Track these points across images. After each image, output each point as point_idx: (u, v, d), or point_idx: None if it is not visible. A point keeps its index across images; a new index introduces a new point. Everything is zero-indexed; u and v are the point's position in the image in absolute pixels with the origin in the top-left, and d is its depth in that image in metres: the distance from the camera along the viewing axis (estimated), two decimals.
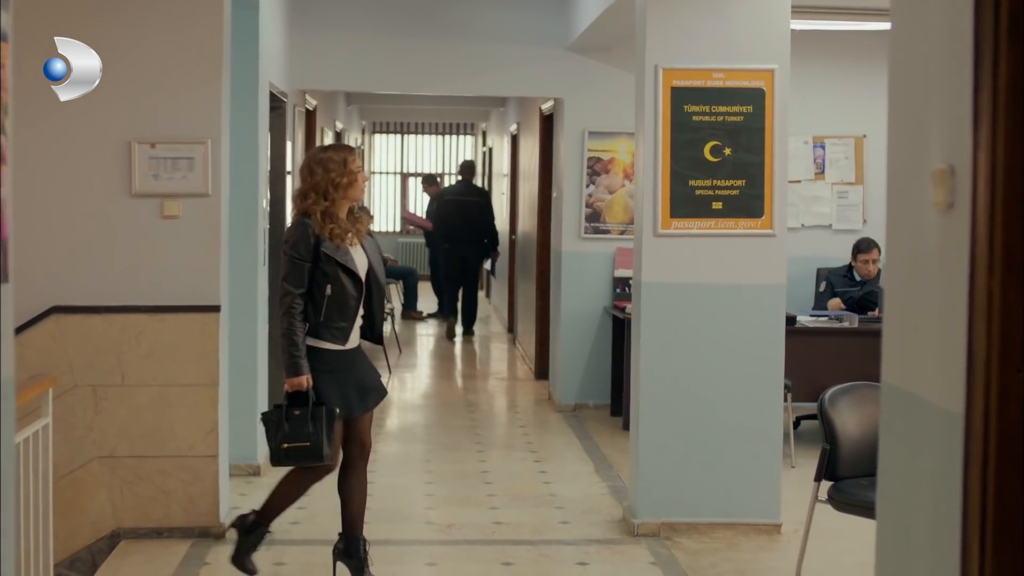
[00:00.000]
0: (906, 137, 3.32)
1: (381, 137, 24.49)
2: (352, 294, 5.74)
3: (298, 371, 5.67)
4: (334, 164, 5.76)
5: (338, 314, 5.73)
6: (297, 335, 5.66)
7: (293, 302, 5.67)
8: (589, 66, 10.65)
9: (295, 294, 5.67)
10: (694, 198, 6.92)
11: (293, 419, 5.72)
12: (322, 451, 5.74)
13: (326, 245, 5.69)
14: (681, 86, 6.90)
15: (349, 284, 5.73)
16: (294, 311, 5.66)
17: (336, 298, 5.70)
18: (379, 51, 10.61)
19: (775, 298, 7.00)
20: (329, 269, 5.68)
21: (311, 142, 11.89)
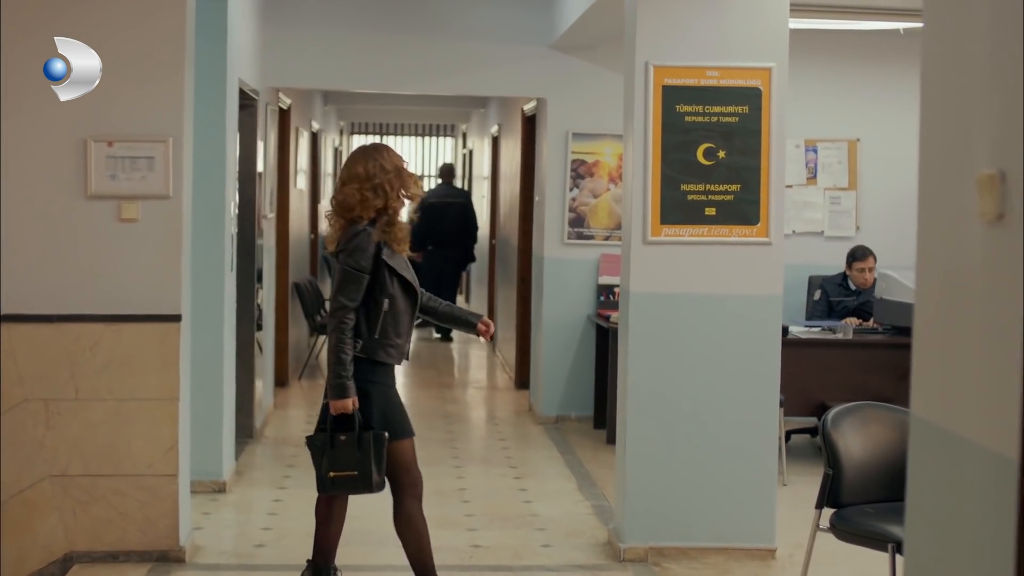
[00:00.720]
0: (943, 140, 2.92)
1: (360, 138, 24.04)
2: (406, 308, 5.40)
3: (344, 393, 5.25)
4: (392, 164, 5.43)
5: (394, 331, 5.36)
6: (346, 353, 5.25)
7: (346, 317, 5.26)
8: (574, 65, 10.29)
9: (350, 308, 5.26)
10: (686, 204, 6.53)
11: (339, 445, 5.31)
12: (371, 480, 5.34)
13: (386, 254, 5.32)
14: (673, 84, 6.52)
15: (405, 298, 5.39)
16: (345, 327, 5.26)
17: (393, 313, 5.33)
18: (356, 48, 10.24)
19: (771, 310, 6.62)
20: (388, 281, 5.32)
21: (285, 142, 11.51)
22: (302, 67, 10.25)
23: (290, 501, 7.72)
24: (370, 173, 5.36)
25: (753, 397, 6.62)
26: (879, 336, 9.22)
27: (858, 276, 9.79)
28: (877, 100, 10.55)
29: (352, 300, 5.25)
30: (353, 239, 5.30)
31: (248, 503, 7.74)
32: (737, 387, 6.60)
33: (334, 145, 20.11)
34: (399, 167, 5.45)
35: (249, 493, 7.92)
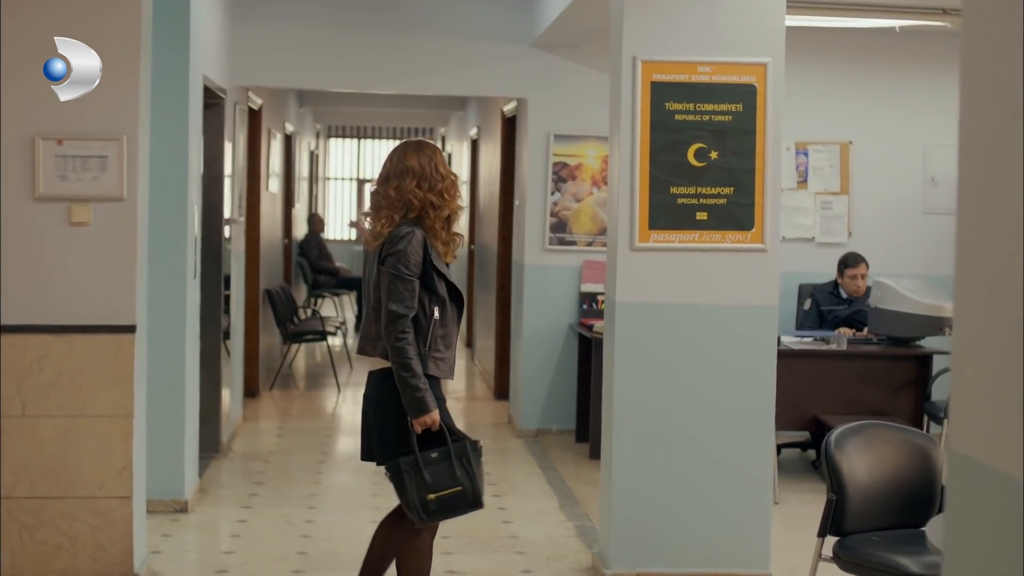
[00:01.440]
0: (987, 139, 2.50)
1: (337, 141, 23.65)
2: (455, 318, 5.00)
3: (424, 407, 4.79)
4: (447, 170, 5.05)
5: (443, 341, 4.93)
6: (416, 365, 4.78)
7: (405, 327, 4.80)
8: (555, 64, 9.90)
9: (407, 316, 4.81)
10: (676, 208, 6.13)
11: (432, 464, 4.84)
12: (479, 494, 4.90)
13: (435, 258, 4.91)
14: (662, 81, 6.12)
15: (453, 307, 4.98)
16: (407, 338, 4.79)
17: (443, 322, 4.92)
18: (329, 46, 9.85)
19: (766, 322, 6.22)
20: (439, 288, 4.91)
21: (255, 144, 11.10)
22: (273, 65, 9.84)
23: (256, 522, 7.30)
24: (426, 172, 4.96)
25: (747, 414, 6.23)
26: (874, 347, 8.85)
27: (850, 284, 9.42)
28: (870, 101, 10.18)
29: (408, 308, 4.80)
30: (401, 240, 4.85)
31: (211, 524, 7.31)
32: (730, 403, 6.21)
33: (310, 148, 19.68)
34: (451, 173, 5.08)
35: (213, 512, 7.49)
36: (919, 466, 5.12)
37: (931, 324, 8.64)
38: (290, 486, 8.16)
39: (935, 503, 5.09)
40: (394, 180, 4.97)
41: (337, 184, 23.69)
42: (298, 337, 12.47)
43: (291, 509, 7.55)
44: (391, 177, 4.98)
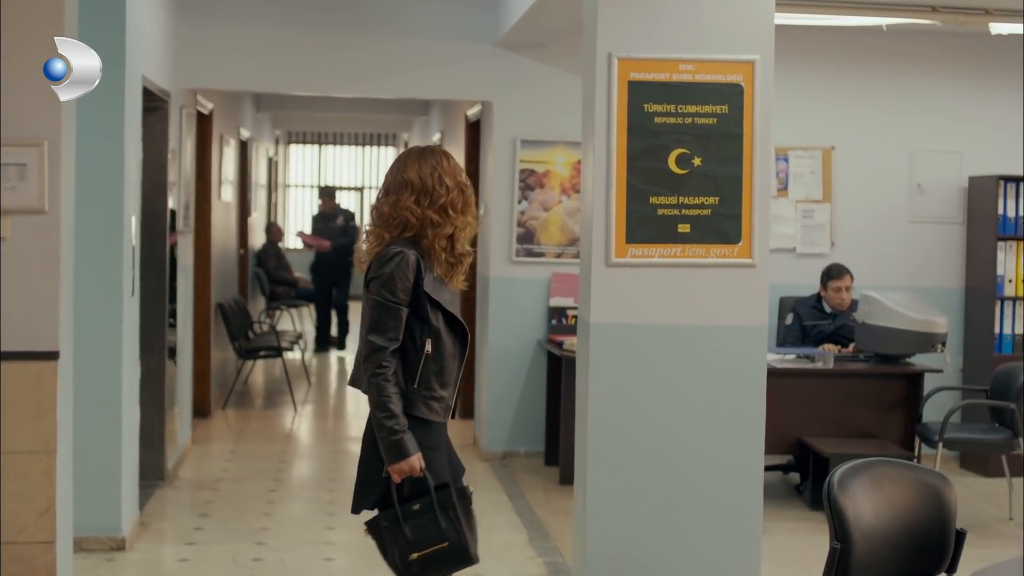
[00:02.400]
0: None
1: (297, 148, 23.04)
2: (454, 352, 4.37)
3: (403, 451, 4.19)
4: (455, 179, 4.44)
5: (438, 379, 4.32)
6: (394, 404, 4.21)
7: (383, 361, 4.22)
8: (521, 65, 9.38)
9: (387, 350, 4.22)
10: (655, 219, 5.59)
11: (414, 517, 4.24)
12: (469, 549, 4.31)
13: (429, 282, 4.30)
14: (640, 80, 5.58)
15: (452, 339, 4.36)
16: (384, 373, 4.22)
17: (437, 357, 4.31)
18: (283, 47, 9.30)
19: (755, 344, 5.68)
20: (431, 317, 4.29)
21: (206, 150, 10.53)
22: (223, 67, 9.26)
23: (199, 560, 6.72)
24: (428, 186, 4.36)
25: (735, 442, 5.69)
26: (861, 365, 8.35)
27: (834, 297, 8.91)
28: (854, 104, 9.68)
29: (390, 340, 4.22)
30: (388, 262, 4.25)
31: (151, 563, 6.71)
32: (716, 430, 5.67)
33: (268, 155, 19.10)
34: (461, 183, 4.46)
35: (152, 550, 6.90)
36: (931, 508, 4.58)
37: (922, 340, 8.16)
38: (239, 518, 7.58)
39: (948, 550, 4.55)
40: (392, 195, 4.41)
41: (298, 192, 23.07)
42: (252, 353, 11.88)
43: (238, 545, 6.97)
44: (390, 191, 4.43)
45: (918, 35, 9.55)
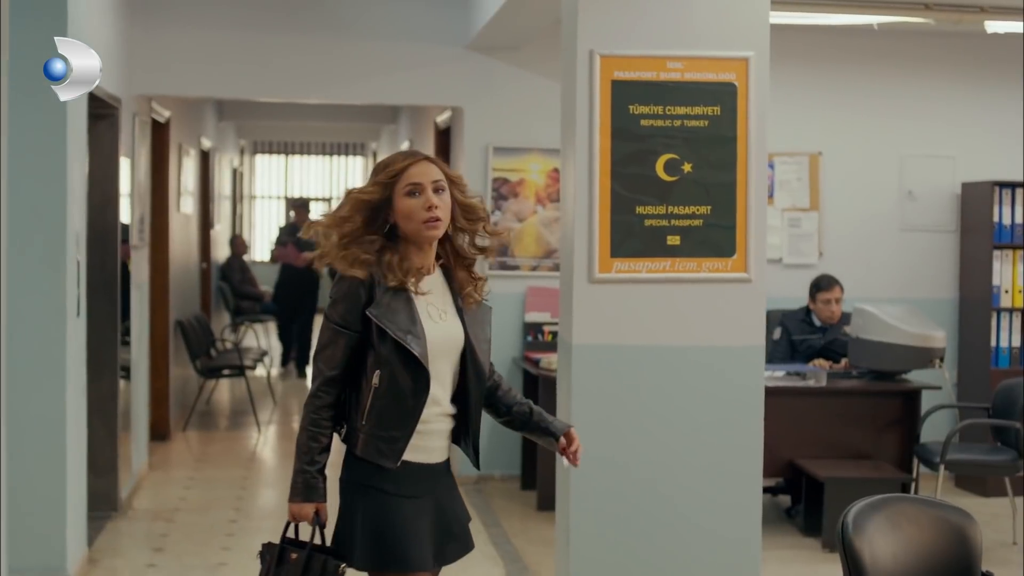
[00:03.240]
0: None
1: (264, 158, 22.53)
2: (411, 389, 3.65)
3: (304, 494, 3.67)
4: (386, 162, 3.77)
5: (391, 419, 3.65)
6: (316, 440, 3.68)
7: (319, 389, 3.69)
8: (494, 68, 8.93)
9: (327, 378, 3.69)
10: (642, 231, 5.15)
11: (286, 566, 3.70)
12: None
13: (378, 306, 3.63)
14: (625, 79, 5.14)
15: (407, 373, 3.63)
16: (314, 403, 3.69)
17: (390, 394, 3.66)
18: (243, 51, 8.83)
19: (751, 365, 5.25)
20: (379, 344, 3.64)
21: (163, 161, 10.05)
22: (179, 72, 8.78)
23: None
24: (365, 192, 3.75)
25: (731, 471, 5.26)
26: (854, 382, 7.91)
27: (823, 309, 8.47)
28: (842, 107, 9.26)
29: (330, 367, 3.68)
30: (340, 280, 3.74)
31: None
32: (712, 459, 5.24)
33: (233, 166, 18.60)
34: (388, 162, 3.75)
35: None
36: (955, 549, 4.14)
37: (919, 356, 7.73)
38: (195, 552, 7.08)
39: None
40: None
41: (265, 203, 22.56)
42: (214, 372, 11.37)
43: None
44: None
45: (909, 35, 9.16)
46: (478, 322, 3.79)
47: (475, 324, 3.77)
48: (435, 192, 3.66)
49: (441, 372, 3.70)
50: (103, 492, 7.74)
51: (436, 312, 3.71)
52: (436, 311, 3.71)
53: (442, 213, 3.66)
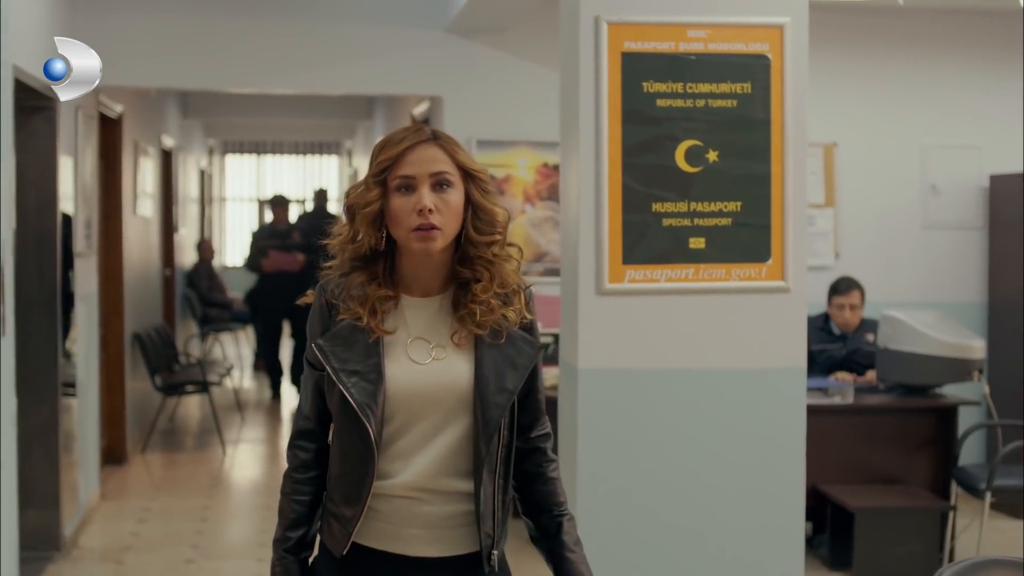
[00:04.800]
0: None
1: (234, 158, 21.64)
2: (354, 449, 2.70)
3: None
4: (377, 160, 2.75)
5: (339, 487, 2.75)
6: (285, 509, 2.83)
7: (293, 442, 2.84)
8: (476, 54, 8.16)
9: (296, 427, 2.84)
10: (660, 232, 4.33)
11: None
12: None
13: (334, 336, 2.72)
14: (637, 51, 4.32)
15: (349, 427, 2.69)
16: (291, 460, 2.84)
17: (338, 453, 2.77)
18: (202, 37, 8.06)
19: (791, 390, 4.43)
20: (328, 388, 2.75)
21: (114, 160, 9.20)
22: (129, 60, 7.94)
23: None
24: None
25: (770, 518, 4.44)
26: (884, 397, 7.11)
27: (838, 315, 7.69)
28: (860, 95, 8.50)
29: (302, 415, 2.84)
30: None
31: None
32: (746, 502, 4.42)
33: (200, 166, 17.72)
34: (384, 143, 2.76)
35: None
36: None
37: (955, 368, 6.93)
38: None
39: None
40: None
41: (237, 206, 21.66)
42: (175, 388, 10.50)
43: None
44: None
45: (932, 14, 8.41)
46: (501, 362, 2.72)
47: (493, 365, 2.71)
48: (435, 188, 2.68)
49: (419, 430, 2.71)
50: (42, 529, 6.92)
51: (425, 347, 2.73)
52: (426, 346, 2.73)
53: (441, 219, 2.67)
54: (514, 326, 2.75)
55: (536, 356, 2.78)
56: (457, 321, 2.72)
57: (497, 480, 2.72)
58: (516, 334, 2.75)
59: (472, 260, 2.73)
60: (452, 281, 2.76)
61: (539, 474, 2.83)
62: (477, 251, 2.72)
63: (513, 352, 2.73)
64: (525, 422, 2.81)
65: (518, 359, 2.73)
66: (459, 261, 2.74)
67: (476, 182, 2.74)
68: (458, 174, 2.71)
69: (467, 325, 2.71)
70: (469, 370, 2.69)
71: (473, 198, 2.72)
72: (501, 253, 2.75)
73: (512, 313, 2.74)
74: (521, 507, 2.87)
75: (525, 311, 2.78)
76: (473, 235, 2.72)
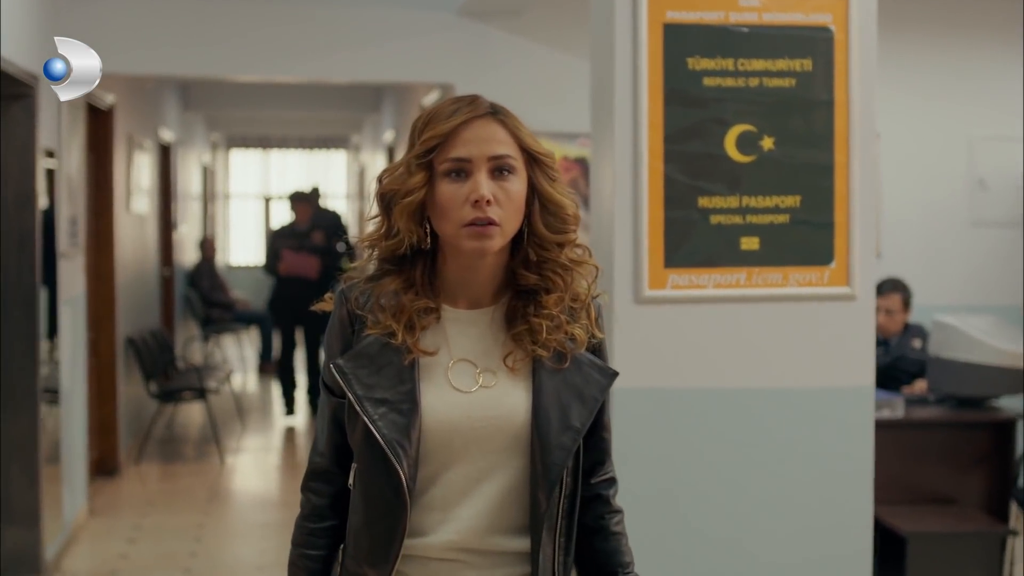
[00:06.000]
0: None
1: (239, 154, 21.11)
2: (380, 494, 2.18)
3: None
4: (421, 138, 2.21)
5: (358, 543, 2.23)
6: (298, 564, 2.31)
7: (305, 485, 2.33)
8: (489, 38, 7.67)
9: (309, 467, 2.33)
10: (708, 231, 3.80)
11: None
12: None
13: (358, 355, 2.20)
14: (681, 23, 3.78)
15: (375, 466, 2.17)
16: (303, 507, 2.33)
17: (361, 500, 2.24)
18: (197, 21, 7.58)
19: (858, 411, 3.88)
20: (356, 426, 2.21)
21: (105, 153, 8.68)
22: (120, 45, 7.47)
23: None
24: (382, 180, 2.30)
25: (833, 554, 3.89)
26: (935, 410, 6.55)
27: (878, 319, 7.11)
28: (903, 83, 7.99)
29: (316, 452, 2.32)
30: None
31: None
32: (807, 540, 3.85)
33: (202, 162, 17.20)
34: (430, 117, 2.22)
35: None
36: None
37: (1014, 378, 6.38)
38: None
39: None
40: None
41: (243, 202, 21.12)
42: (171, 395, 9.96)
43: None
44: None
45: None
46: (566, 393, 2.20)
47: (556, 396, 2.19)
48: (494, 174, 2.16)
49: (462, 475, 2.18)
50: (21, 551, 6.42)
51: (471, 372, 2.20)
52: (472, 370, 2.20)
53: (501, 212, 2.15)
54: (581, 347, 2.23)
55: (609, 386, 2.27)
56: (512, 340, 2.20)
57: (558, 539, 2.21)
58: (584, 358, 2.23)
59: (539, 264, 2.21)
60: (506, 290, 2.23)
61: (600, 528, 2.33)
62: (548, 253, 2.20)
63: (580, 380, 2.21)
64: (586, 465, 2.30)
65: (586, 389, 2.22)
66: (521, 264, 2.21)
67: (542, 167, 2.23)
68: (521, 158, 2.20)
69: (525, 345, 2.19)
70: (526, 401, 2.19)
71: (539, 187, 2.20)
72: (576, 256, 2.24)
73: (580, 331, 2.22)
74: (576, 568, 2.34)
75: (595, 328, 2.27)
76: (543, 232, 2.20)
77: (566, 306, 2.21)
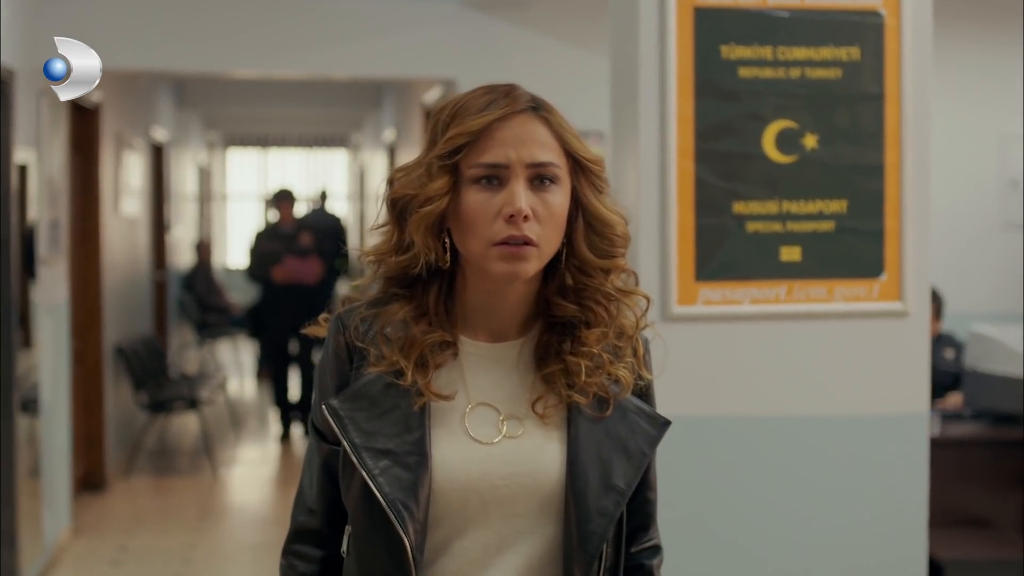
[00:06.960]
0: None
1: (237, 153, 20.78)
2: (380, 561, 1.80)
3: None
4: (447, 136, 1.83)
5: None
6: None
7: (287, 548, 1.95)
8: (495, 30, 7.39)
9: (292, 526, 1.94)
10: (744, 240, 3.42)
11: None
12: None
13: (355, 394, 1.81)
14: (714, 6, 3.40)
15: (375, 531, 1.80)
16: (288, 572, 1.94)
17: (354, 562, 1.86)
18: (190, 15, 7.33)
19: (911, 440, 3.51)
20: (355, 475, 1.82)
21: (91, 153, 8.32)
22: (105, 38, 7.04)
23: None
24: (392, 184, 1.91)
25: None
26: (971, 426, 6.19)
27: None
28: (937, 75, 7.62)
29: (301, 508, 1.94)
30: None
31: None
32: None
33: (198, 162, 16.84)
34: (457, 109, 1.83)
35: None
36: None
37: None
38: None
39: None
40: None
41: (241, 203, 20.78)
42: (161, 406, 9.57)
43: None
44: None
45: None
46: (608, 447, 1.83)
47: (596, 449, 1.82)
48: (533, 184, 1.78)
49: (479, 543, 1.81)
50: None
51: (493, 419, 1.83)
52: (494, 416, 1.83)
53: (540, 230, 1.78)
54: (626, 391, 1.84)
55: (659, 438, 1.88)
56: (543, 381, 1.82)
57: None
58: (629, 404, 1.85)
59: (578, 292, 1.83)
60: (536, 320, 1.86)
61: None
62: (590, 280, 1.82)
63: (625, 431, 1.84)
64: (628, 529, 1.91)
65: (632, 442, 1.84)
66: (557, 292, 1.84)
67: (590, 177, 1.84)
68: (566, 165, 1.82)
69: (559, 388, 1.81)
70: (560, 456, 1.82)
71: (585, 201, 1.82)
72: (623, 285, 1.85)
73: (625, 372, 1.84)
74: None
75: (642, 368, 1.89)
76: (586, 255, 1.82)
77: (610, 342, 1.82)
